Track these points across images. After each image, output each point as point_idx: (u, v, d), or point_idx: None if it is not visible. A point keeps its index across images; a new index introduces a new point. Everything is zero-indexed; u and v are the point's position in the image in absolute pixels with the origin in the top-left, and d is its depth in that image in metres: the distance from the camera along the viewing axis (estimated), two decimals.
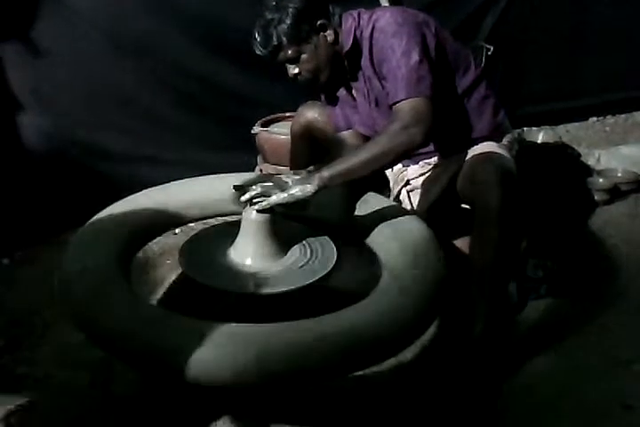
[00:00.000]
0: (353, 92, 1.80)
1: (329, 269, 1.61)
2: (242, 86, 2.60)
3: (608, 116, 3.66)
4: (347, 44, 1.66)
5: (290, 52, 1.62)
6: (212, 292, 1.86)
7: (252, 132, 2.41)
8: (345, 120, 1.85)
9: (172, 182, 1.88)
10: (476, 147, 1.69)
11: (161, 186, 1.86)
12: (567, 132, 3.45)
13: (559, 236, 2.28)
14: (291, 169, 2.06)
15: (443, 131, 1.69)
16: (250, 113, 2.54)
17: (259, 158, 2.50)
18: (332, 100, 1.87)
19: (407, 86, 1.53)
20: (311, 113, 1.96)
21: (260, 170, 2.42)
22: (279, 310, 1.64)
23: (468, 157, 1.66)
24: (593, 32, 3.34)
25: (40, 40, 2.19)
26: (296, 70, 1.67)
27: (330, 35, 1.65)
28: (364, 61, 1.68)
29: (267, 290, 1.58)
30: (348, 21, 1.67)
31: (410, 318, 1.37)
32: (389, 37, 1.57)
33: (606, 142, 3.32)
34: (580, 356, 1.69)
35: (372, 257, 1.90)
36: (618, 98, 3.62)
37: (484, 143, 1.71)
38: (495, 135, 1.76)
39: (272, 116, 2.54)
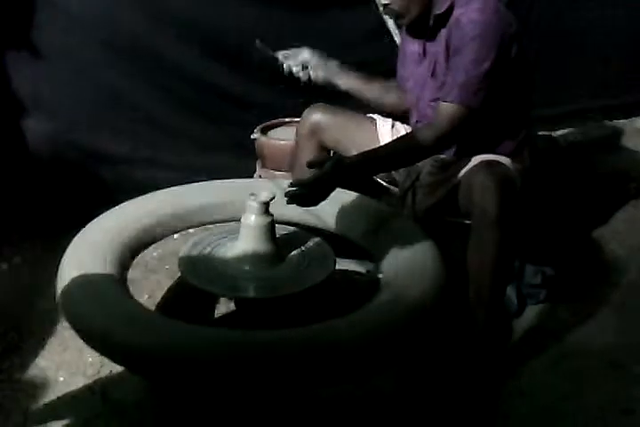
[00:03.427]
0: (421, 50, 1.78)
1: (328, 273, 1.62)
2: (241, 90, 2.59)
3: (606, 122, 3.67)
4: (442, 6, 1.63)
5: None
6: (212, 297, 1.86)
7: (252, 137, 2.41)
8: (402, 72, 1.86)
9: (174, 187, 1.88)
10: (481, 156, 1.68)
11: (164, 190, 1.86)
12: (565, 138, 3.45)
13: (557, 241, 2.28)
14: (292, 174, 2.05)
15: (472, 140, 1.69)
16: (249, 117, 2.54)
17: (258, 164, 2.50)
18: (406, 46, 1.85)
19: (462, 92, 1.56)
20: (317, 115, 1.94)
21: (260, 175, 2.42)
22: (279, 313, 1.64)
23: (471, 164, 1.65)
24: (590, 37, 3.35)
25: (40, 45, 2.19)
26: (387, 0, 1.64)
27: None
28: (441, 36, 1.66)
29: (266, 294, 1.58)
30: None
31: (406, 327, 1.38)
32: (469, 39, 1.55)
33: (605, 147, 3.32)
34: (580, 360, 1.69)
35: (370, 263, 1.90)
36: (617, 103, 3.63)
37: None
38: (515, 154, 1.74)
39: (272, 122, 2.53)
